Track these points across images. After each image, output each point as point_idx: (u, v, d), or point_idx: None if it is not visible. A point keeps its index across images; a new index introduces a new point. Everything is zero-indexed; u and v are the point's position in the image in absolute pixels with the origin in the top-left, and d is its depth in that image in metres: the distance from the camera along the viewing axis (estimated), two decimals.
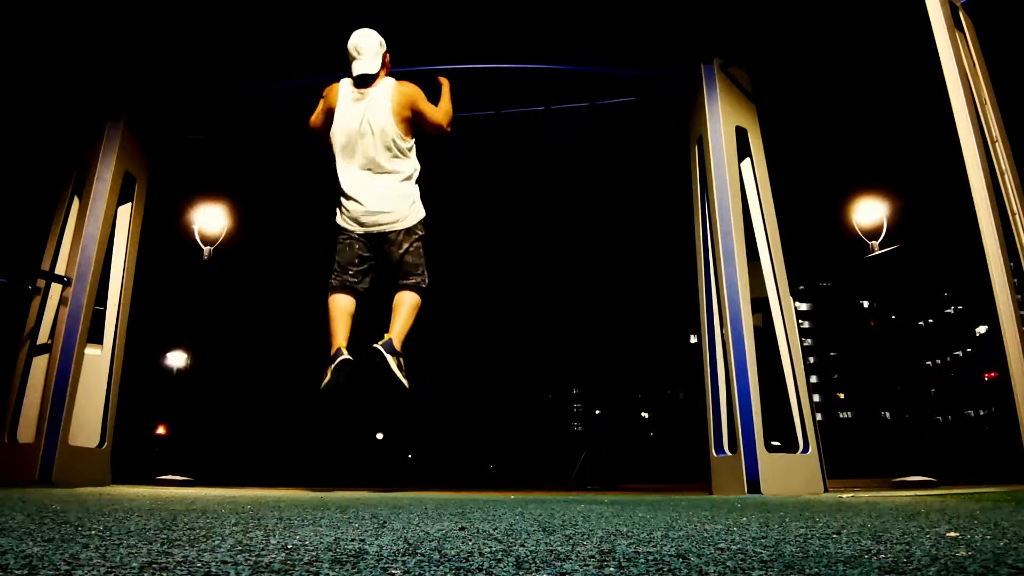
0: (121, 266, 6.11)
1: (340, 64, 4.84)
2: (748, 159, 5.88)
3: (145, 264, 6.39)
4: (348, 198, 3.69)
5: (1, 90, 6.08)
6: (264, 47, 5.77)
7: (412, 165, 3.82)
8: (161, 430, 29.02)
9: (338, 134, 3.69)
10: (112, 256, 6.06)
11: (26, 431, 5.38)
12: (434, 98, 4.66)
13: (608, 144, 8.10)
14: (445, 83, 4.58)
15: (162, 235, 8.17)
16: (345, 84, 3.77)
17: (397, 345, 3.62)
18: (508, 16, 5.64)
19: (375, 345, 3.59)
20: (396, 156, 3.72)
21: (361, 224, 3.68)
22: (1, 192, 7.21)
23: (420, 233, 3.84)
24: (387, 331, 3.67)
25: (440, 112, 4.07)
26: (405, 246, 3.77)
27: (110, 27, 5.56)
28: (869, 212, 7.61)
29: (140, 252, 6.33)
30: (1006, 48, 4.85)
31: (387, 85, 3.78)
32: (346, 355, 3.51)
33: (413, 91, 3.90)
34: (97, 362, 5.81)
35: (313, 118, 4.12)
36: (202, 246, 7.79)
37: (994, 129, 4.24)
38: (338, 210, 3.79)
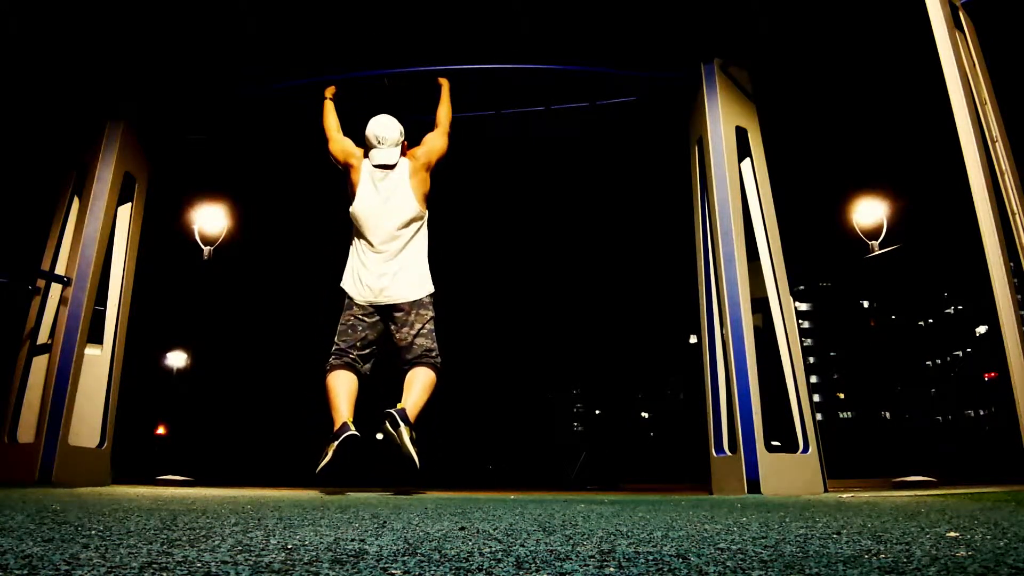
0: (121, 266, 6.11)
1: (340, 64, 4.85)
2: (748, 159, 5.88)
3: (145, 264, 6.39)
4: (363, 273, 3.70)
5: (0, 90, 6.08)
6: (264, 47, 5.77)
7: (424, 239, 3.89)
8: (161, 430, 29.01)
9: (359, 214, 3.76)
10: (112, 256, 6.06)
11: (26, 431, 5.38)
12: (434, 99, 4.68)
13: (608, 144, 8.10)
14: (445, 84, 4.59)
15: (162, 235, 8.17)
16: (367, 163, 3.83)
17: (411, 417, 3.48)
18: (508, 16, 5.64)
19: (389, 410, 3.42)
20: (415, 234, 3.79)
21: (371, 293, 3.66)
22: (1, 192, 7.20)
23: (431, 313, 3.81)
24: (399, 401, 3.53)
25: (440, 136, 4.16)
26: (417, 327, 3.72)
27: (110, 27, 5.56)
28: (869, 212, 7.61)
29: (140, 252, 6.33)
30: (1006, 48, 4.84)
31: (404, 166, 3.87)
32: (353, 430, 3.35)
33: (423, 154, 4.00)
34: (97, 362, 5.81)
35: (329, 123, 4.16)
36: (202, 246, 7.80)
37: (994, 129, 4.24)
38: (347, 275, 3.77)
